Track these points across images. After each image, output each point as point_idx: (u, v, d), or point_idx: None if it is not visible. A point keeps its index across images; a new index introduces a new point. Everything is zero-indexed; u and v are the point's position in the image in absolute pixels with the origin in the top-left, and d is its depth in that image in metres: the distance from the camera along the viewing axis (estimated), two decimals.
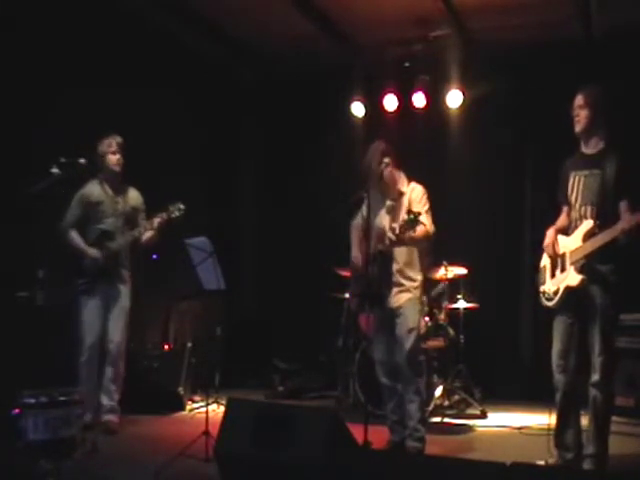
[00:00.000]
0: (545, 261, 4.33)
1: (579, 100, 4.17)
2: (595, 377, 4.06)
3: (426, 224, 4.51)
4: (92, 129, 5.39)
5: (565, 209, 4.31)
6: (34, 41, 5.53)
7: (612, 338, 4.06)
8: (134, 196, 5.52)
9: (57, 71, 5.69)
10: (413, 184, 4.72)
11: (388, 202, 4.68)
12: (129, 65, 6.41)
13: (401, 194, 4.68)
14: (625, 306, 4.21)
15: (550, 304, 4.21)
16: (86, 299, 5.28)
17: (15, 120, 5.33)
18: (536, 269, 4.43)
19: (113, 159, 5.34)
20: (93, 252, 5.28)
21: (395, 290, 4.61)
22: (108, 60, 6.15)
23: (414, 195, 4.65)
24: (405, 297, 4.61)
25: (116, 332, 5.30)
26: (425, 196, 4.67)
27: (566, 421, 4.19)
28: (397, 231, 4.29)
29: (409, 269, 4.63)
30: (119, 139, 5.37)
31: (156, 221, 5.26)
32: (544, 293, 4.26)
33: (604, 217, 4.00)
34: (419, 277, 4.68)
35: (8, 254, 5.12)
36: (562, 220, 4.31)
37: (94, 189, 5.39)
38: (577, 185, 4.17)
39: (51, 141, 5.35)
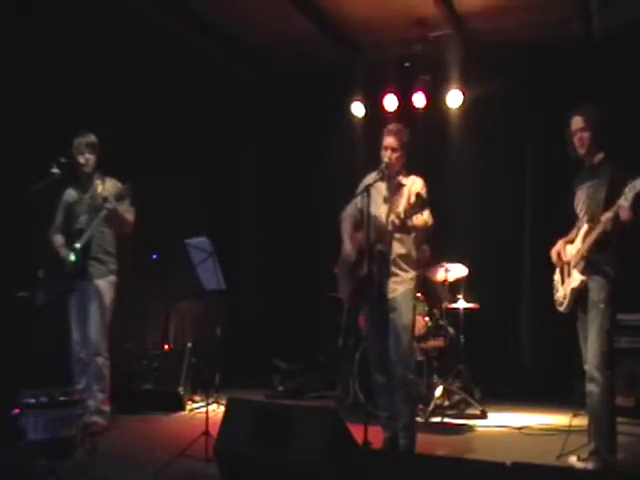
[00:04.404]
0: (557, 273, 4.43)
1: (579, 122, 4.24)
2: (590, 372, 4.09)
3: (425, 215, 4.54)
4: (92, 129, 5.38)
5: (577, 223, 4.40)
6: (34, 41, 5.53)
7: (608, 334, 4.07)
8: (109, 186, 5.36)
9: (57, 71, 5.69)
10: (413, 177, 4.73)
11: (386, 193, 4.66)
12: (130, 65, 6.41)
13: (401, 185, 4.68)
14: (625, 306, 4.22)
15: (561, 309, 4.32)
16: (68, 298, 5.29)
17: (16, 120, 5.33)
18: (536, 269, 4.45)
19: (82, 160, 5.28)
20: (63, 251, 5.25)
21: (390, 281, 4.58)
22: (109, 60, 6.15)
23: (414, 188, 4.63)
24: (400, 289, 4.58)
25: (92, 329, 5.24)
26: (425, 189, 4.67)
27: None
28: (402, 215, 4.37)
29: (404, 261, 4.62)
30: (90, 138, 5.28)
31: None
32: (557, 300, 4.36)
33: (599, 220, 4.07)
34: (413, 269, 4.67)
35: (8, 254, 5.12)
36: (573, 233, 4.37)
37: (71, 191, 5.40)
38: (582, 197, 4.29)
39: (51, 141, 5.35)
